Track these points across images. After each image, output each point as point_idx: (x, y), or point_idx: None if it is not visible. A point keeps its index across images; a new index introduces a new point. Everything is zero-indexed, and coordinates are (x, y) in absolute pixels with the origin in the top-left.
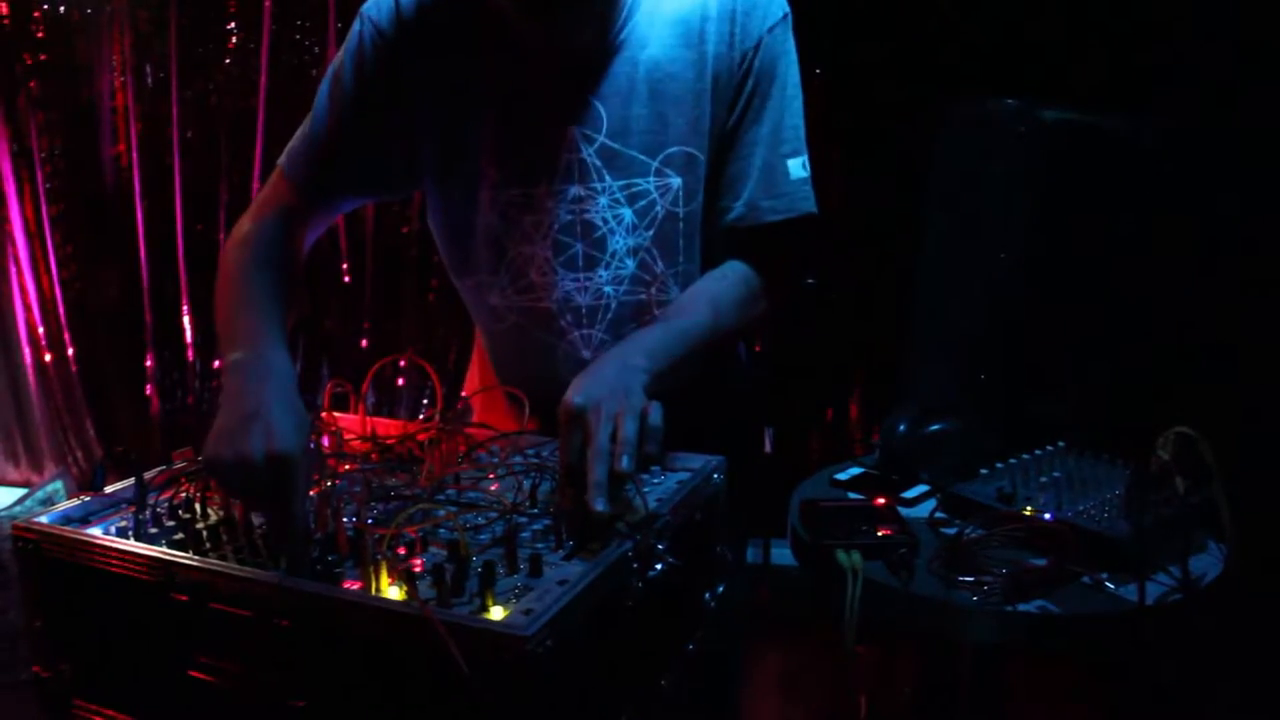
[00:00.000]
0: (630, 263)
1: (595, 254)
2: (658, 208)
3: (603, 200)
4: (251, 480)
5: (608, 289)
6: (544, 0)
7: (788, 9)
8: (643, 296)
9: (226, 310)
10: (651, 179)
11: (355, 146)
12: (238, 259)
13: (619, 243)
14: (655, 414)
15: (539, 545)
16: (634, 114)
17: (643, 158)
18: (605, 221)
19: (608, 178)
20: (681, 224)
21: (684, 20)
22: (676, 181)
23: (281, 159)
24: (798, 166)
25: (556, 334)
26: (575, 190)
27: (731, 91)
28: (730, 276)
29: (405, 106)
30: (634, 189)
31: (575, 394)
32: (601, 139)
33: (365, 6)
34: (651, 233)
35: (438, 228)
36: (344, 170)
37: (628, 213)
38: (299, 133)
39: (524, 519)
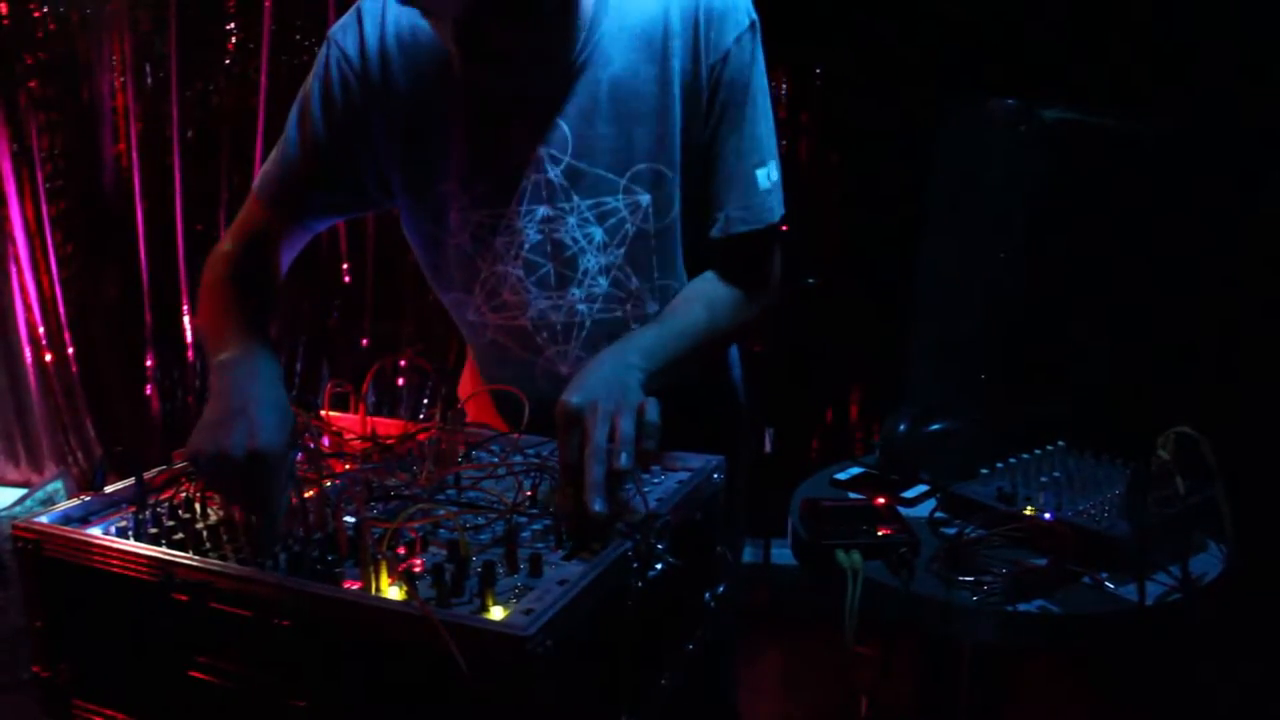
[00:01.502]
0: (603, 281)
1: (567, 273)
2: (628, 226)
3: (571, 220)
4: (231, 475)
5: (581, 307)
6: (491, 50)
7: (754, 17)
8: (618, 314)
9: (210, 317)
10: (620, 197)
11: (325, 171)
12: (219, 274)
13: (590, 261)
14: (652, 410)
15: (539, 545)
16: (599, 133)
17: (610, 176)
18: (575, 241)
19: (575, 197)
20: (654, 240)
21: (646, 35)
22: (645, 199)
23: (255, 183)
24: (763, 177)
25: (534, 350)
26: (544, 210)
27: (702, 105)
28: (725, 278)
29: (373, 130)
30: (603, 208)
31: (572, 394)
32: (567, 159)
33: (332, 30)
34: (623, 250)
35: (414, 245)
36: (315, 194)
37: (598, 231)
38: (271, 157)
39: (524, 519)
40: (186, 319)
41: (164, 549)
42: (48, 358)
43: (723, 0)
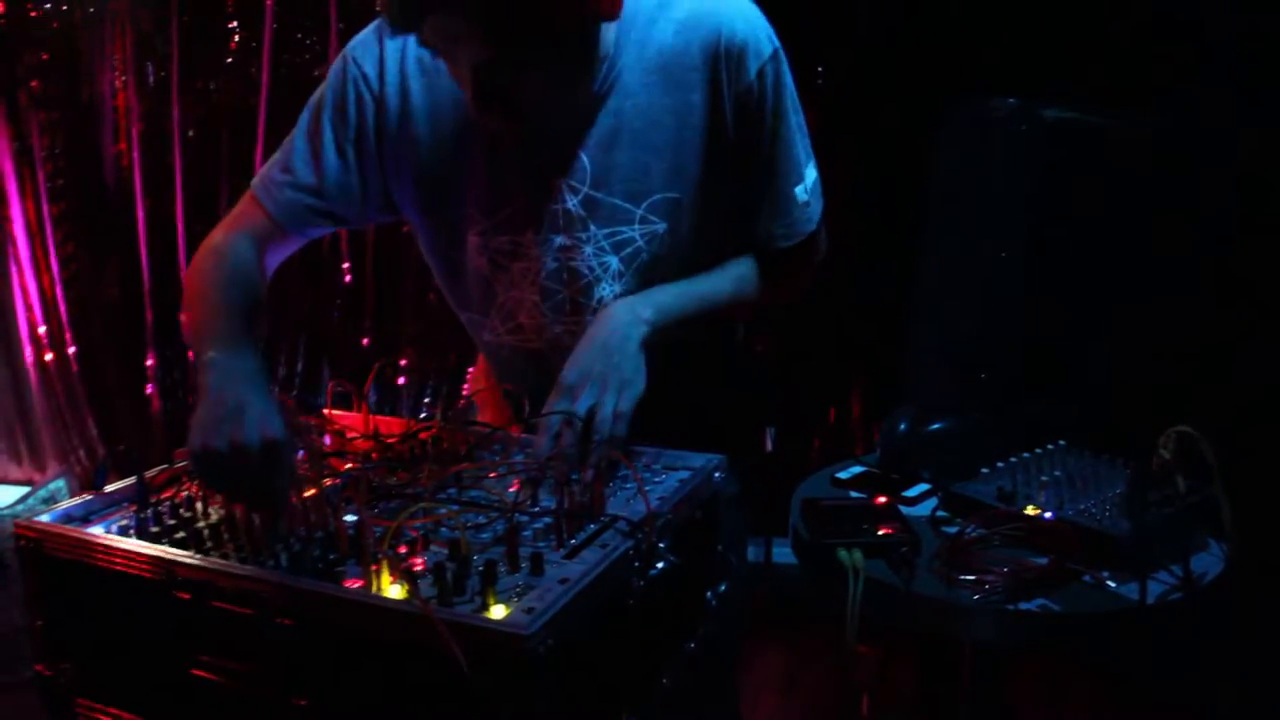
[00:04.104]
0: None
1: (582, 300)
2: (643, 255)
3: (588, 249)
4: (244, 467)
5: None
6: (504, 98)
7: (777, 44)
8: None
9: (200, 313)
10: (636, 227)
11: (327, 185)
12: (210, 267)
13: (605, 290)
14: (625, 402)
15: (540, 544)
16: (616, 162)
17: (626, 205)
18: (591, 270)
19: (592, 227)
20: (667, 264)
21: (666, 67)
22: (661, 227)
23: (255, 182)
24: (801, 192)
25: (547, 372)
26: (561, 240)
27: (729, 135)
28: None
29: (385, 152)
30: (619, 237)
31: (570, 368)
32: (585, 190)
33: (350, 46)
34: (638, 280)
35: (431, 265)
36: (314, 204)
37: (614, 260)
38: (273, 160)
39: (525, 518)
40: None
41: (166, 548)
42: (49, 357)
43: (743, 33)
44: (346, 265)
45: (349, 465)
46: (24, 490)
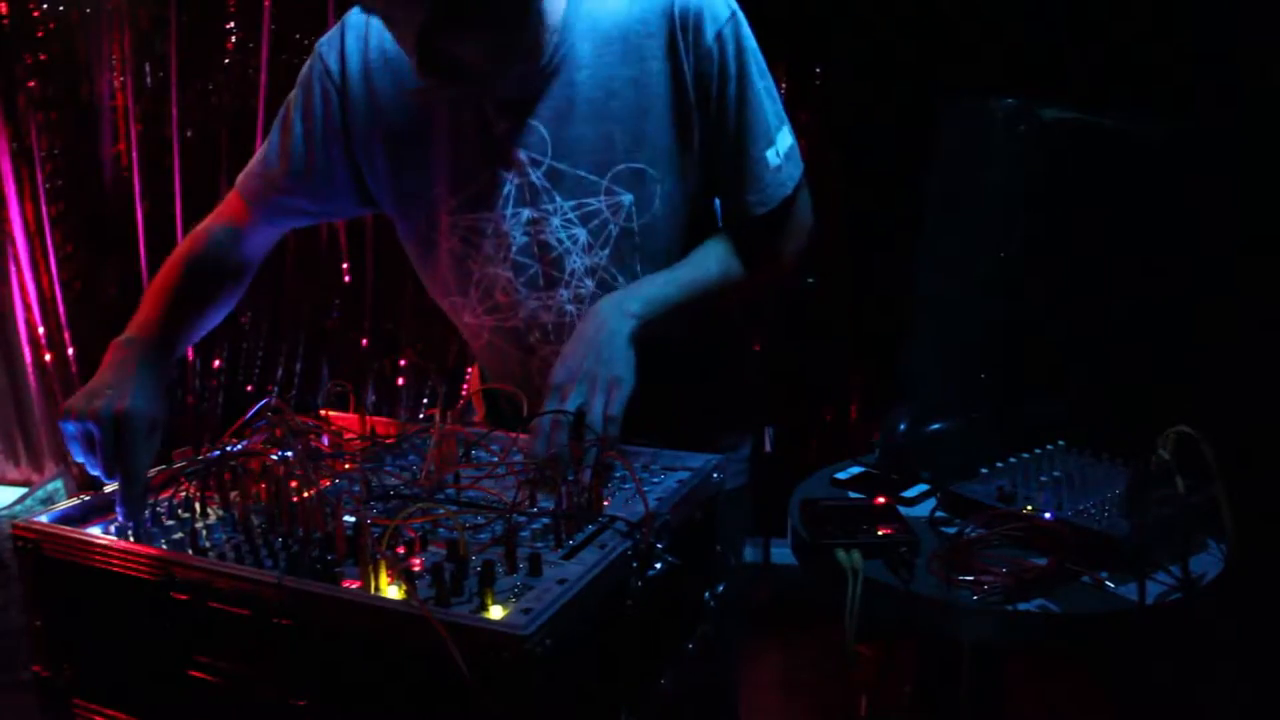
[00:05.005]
0: (589, 282)
1: (554, 274)
2: (611, 226)
3: (555, 221)
4: (93, 433)
5: (569, 308)
6: (447, 63)
7: (734, 7)
8: None
9: (149, 291)
10: (601, 198)
11: (300, 181)
12: (176, 256)
13: (576, 262)
14: (615, 403)
15: (538, 544)
16: (576, 134)
17: (591, 177)
18: (560, 242)
19: (558, 198)
20: (637, 238)
21: (621, 38)
22: (627, 198)
23: (239, 177)
24: (773, 156)
25: (528, 350)
26: (528, 213)
27: (691, 104)
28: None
29: (355, 144)
30: (585, 209)
31: (559, 367)
32: (548, 161)
33: (320, 41)
34: (607, 251)
35: (409, 253)
36: (289, 200)
37: (582, 233)
38: (256, 156)
39: (523, 518)
40: None
41: (163, 548)
42: (47, 357)
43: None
44: (346, 265)
45: (347, 466)
46: (22, 491)
